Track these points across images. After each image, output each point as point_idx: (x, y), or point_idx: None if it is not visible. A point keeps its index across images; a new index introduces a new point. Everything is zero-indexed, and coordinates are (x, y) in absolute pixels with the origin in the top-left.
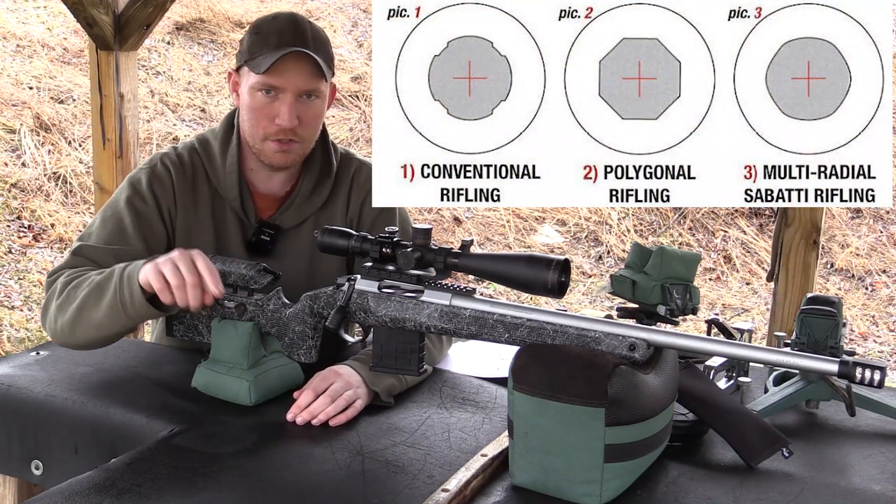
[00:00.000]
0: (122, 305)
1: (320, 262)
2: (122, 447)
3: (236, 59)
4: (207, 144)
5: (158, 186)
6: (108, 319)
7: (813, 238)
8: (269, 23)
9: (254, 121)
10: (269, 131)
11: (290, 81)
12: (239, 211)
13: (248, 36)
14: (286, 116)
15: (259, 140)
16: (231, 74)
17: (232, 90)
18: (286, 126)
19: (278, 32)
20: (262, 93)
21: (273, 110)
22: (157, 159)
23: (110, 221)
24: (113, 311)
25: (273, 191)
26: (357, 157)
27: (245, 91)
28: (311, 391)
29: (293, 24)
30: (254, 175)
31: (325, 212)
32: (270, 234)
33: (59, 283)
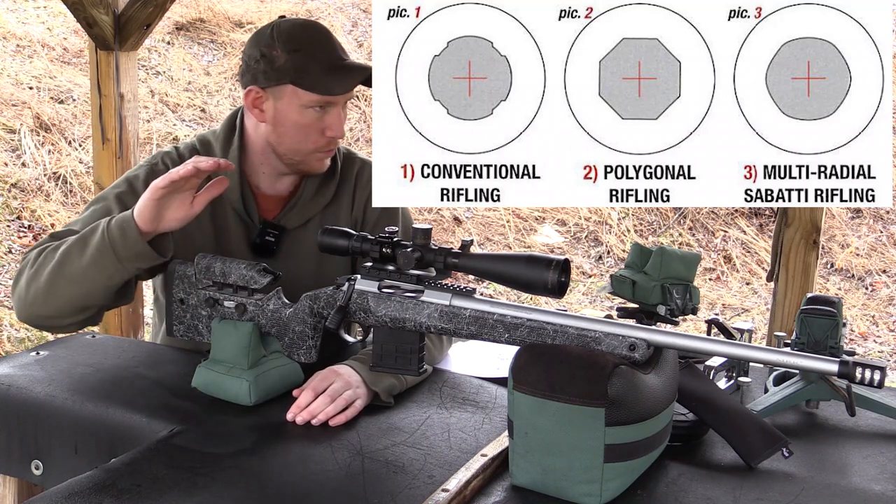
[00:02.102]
0: (112, 246)
1: (326, 262)
2: (122, 447)
3: (261, 77)
4: (209, 145)
5: None
6: (94, 268)
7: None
8: (303, 36)
9: (302, 136)
10: (320, 144)
11: (344, 95)
12: (241, 212)
13: (287, 54)
14: (340, 128)
15: (305, 153)
16: (252, 91)
17: (252, 105)
18: (340, 136)
19: (322, 47)
20: (314, 109)
21: (323, 123)
22: (157, 158)
23: (98, 211)
24: (101, 255)
25: (278, 191)
26: (359, 156)
27: (292, 109)
28: (311, 391)
29: (325, 35)
30: (260, 177)
31: (330, 211)
32: (275, 234)
33: (32, 255)
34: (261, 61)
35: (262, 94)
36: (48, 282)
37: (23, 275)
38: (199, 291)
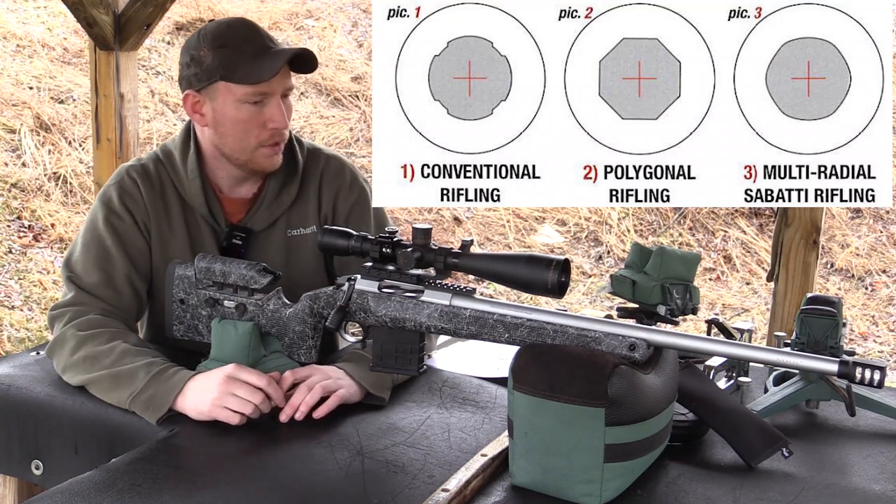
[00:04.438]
0: (130, 401)
1: (294, 262)
2: (122, 447)
3: (194, 80)
4: (170, 155)
5: (130, 201)
6: (111, 401)
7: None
8: (228, 32)
9: (242, 133)
10: (263, 138)
11: (278, 84)
12: (208, 217)
13: (212, 51)
14: (281, 118)
15: (250, 150)
16: (189, 96)
17: (192, 111)
18: (282, 127)
19: (247, 39)
20: (250, 104)
21: (263, 116)
22: (122, 173)
23: (92, 245)
24: (119, 401)
25: (241, 194)
26: (325, 150)
27: (227, 106)
28: (290, 373)
29: (252, 28)
30: (221, 181)
31: (296, 210)
32: (242, 237)
33: (68, 337)
34: (191, 65)
35: (199, 98)
36: (75, 383)
37: (59, 358)
38: (199, 291)
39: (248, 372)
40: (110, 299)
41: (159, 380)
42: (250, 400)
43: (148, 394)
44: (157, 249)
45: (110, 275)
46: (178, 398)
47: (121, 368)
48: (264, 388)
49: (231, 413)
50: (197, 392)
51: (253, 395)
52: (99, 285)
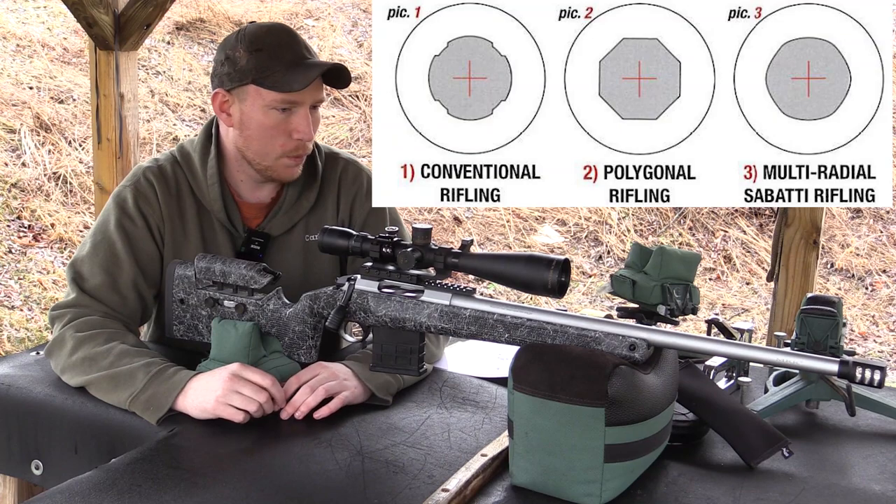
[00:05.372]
0: (130, 403)
1: (313, 267)
2: (122, 447)
3: (226, 79)
4: (188, 157)
5: (145, 204)
6: (110, 402)
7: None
8: (266, 37)
9: (267, 139)
10: (288, 147)
11: (309, 95)
12: (226, 222)
13: (248, 54)
14: (307, 130)
15: (273, 158)
16: (218, 94)
17: (220, 110)
18: (307, 139)
19: (285, 46)
20: (278, 110)
21: (289, 125)
22: (139, 174)
23: (101, 247)
24: (118, 402)
25: (260, 199)
26: (343, 155)
27: (255, 110)
28: (295, 379)
29: (292, 36)
30: (240, 185)
31: (315, 215)
32: (260, 242)
33: (66, 338)
34: (225, 64)
35: (228, 98)
36: (74, 383)
37: (57, 358)
38: (199, 291)
39: (253, 371)
40: (113, 303)
41: (159, 380)
42: (255, 398)
43: (147, 394)
44: (170, 253)
45: (116, 279)
46: (180, 397)
47: (119, 369)
48: (268, 387)
49: (235, 411)
50: (200, 390)
51: (257, 394)
52: (102, 288)
